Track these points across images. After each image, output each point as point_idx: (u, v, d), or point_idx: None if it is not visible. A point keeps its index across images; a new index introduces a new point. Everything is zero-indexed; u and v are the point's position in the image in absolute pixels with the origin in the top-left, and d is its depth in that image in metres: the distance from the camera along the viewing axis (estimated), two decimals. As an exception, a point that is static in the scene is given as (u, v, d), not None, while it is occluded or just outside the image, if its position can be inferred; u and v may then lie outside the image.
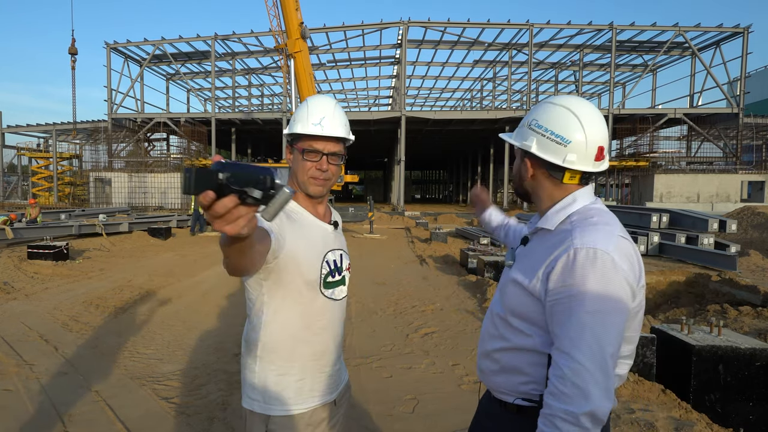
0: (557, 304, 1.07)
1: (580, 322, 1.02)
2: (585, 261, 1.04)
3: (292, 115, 1.44)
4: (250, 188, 0.74)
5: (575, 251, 1.05)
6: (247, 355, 1.40)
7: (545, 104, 1.23)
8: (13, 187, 37.34)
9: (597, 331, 1.01)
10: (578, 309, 1.02)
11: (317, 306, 1.38)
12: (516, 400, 1.20)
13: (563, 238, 1.11)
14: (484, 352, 1.30)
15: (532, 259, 1.18)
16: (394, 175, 32.99)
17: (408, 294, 6.96)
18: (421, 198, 68.08)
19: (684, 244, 9.44)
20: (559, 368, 1.03)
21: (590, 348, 1.00)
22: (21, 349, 4.43)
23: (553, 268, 1.08)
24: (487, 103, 40.09)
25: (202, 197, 0.71)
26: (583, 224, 1.11)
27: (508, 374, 1.22)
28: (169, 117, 29.87)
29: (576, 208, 1.17)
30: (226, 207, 0.73)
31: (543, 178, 1.23)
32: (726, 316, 5.10)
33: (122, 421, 3.11)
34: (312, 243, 1.36)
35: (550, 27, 26.75)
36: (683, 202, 24.93)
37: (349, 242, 10.97)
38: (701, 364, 3.05)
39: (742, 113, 26.32)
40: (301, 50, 17.18)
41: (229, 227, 0.75)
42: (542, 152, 1.19)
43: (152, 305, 6.15)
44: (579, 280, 1.03)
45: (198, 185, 0.71)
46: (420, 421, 3.16)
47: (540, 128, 1.19)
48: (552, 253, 1.11)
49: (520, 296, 1.18)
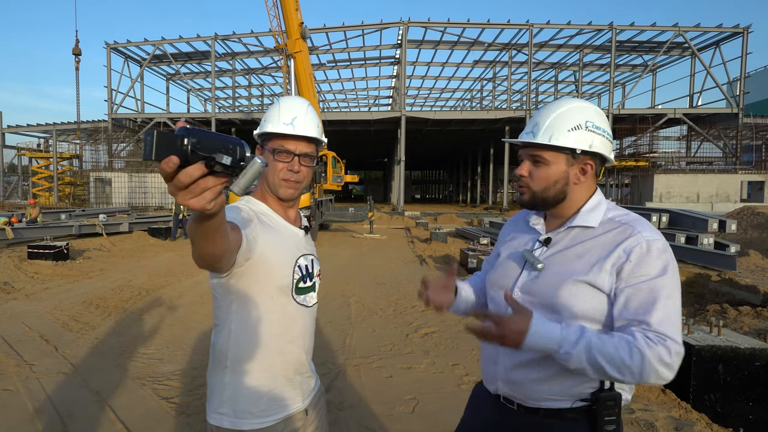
0: (637, 290, 1.12)
1: (667, 304, 1.10)
2: (659, 252, 1.13)
3: (264, 116, 1.38)
4: (219, 154, 0.67)
5: (647, 243, 1.13)
6: (215, 366, 1.33)
7: (585, 106, 1.24)
8: (13, 187, 37.33)
9: (676, 307, 1.12)
10: (663, 293, 1.11)
11: (289, 313, 1.32)
12: (575, 403, 1.20)
13: (624, 232, 1.17)
14: (522, 362, 1.23)
15: (587, 255, 1.19)
16: (394, 175, 33.00)
17: (408, 294, 6.96)
18: (421, 198, 68.07)
19: (684, 244, 9.43)
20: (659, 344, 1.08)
21: (676, 326, 1.11)
22: (21, 349, 4.43)
23: (626, 260, 1.13)
24: (487, 103, 40.08)
25: (165, 163, 0.64)
26: (633, 219, 1.20)
27: (561, 378, 1.19)
28: (169, 117, 29.90)
29: (605, 206, 1.25)
30: (192, 176, 0.67)
31: (591, 178, 1.26)
32: (726, 316, 5.10)
33: (122, 421, 3.12)
34: (284, 246, 1.31)
35: (550, 27, 26.75)
36: (683, 202, 24.93)
37: (349, 242, 11.01)
38: (701, 364, 3.05)
39: (741, 113, 26.32)
40: (301, 50, 17.16)
41: (195, 200, 0.70)
42: (607, 152, 1.24)
43: (152, 305, 6.15)
44: (659, 268, 1.12)
45: (159, 150, 0.64)
46: (420, 421, 3.17)
47: (598, 129, 1.22)
48: (618, 246, 1.16)
49: (582, 295, 1.16)
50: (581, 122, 1.20)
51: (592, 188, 1.27)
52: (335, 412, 3.28)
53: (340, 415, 3.23)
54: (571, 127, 1.20)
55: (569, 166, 1.22)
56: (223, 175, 0.70)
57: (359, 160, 56.23)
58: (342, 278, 8.18)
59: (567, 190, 1.24)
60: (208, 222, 0.84)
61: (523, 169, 1.26)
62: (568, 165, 1.22)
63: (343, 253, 11.36)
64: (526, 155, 1.26)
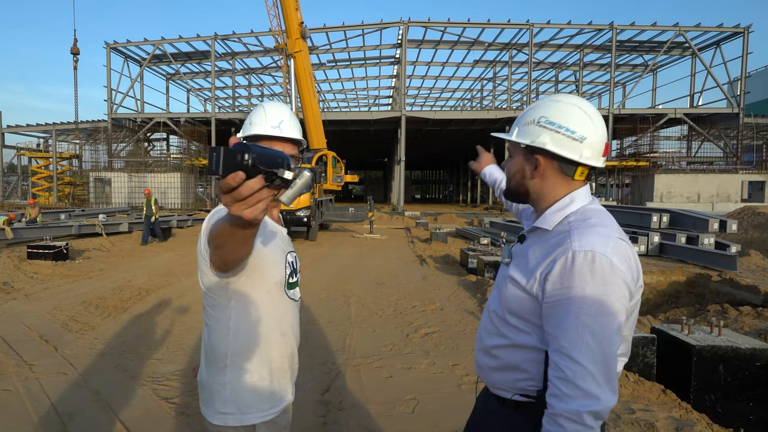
0: (555, 306, 1.07)
1: (579, 324, 1.03)
2: (583, 264, 1.05)
3: (247, 119, 1.45)
4: (280, 169, 0.72)
5: (573, 254, 1.06)
6: (211, 367, 1.35)
7: (551, 102, 1.21)
8: (13, 187, 37.33)
9: (596, 332, 1.02)
10: (577, 311, 1.03)
11: (283, 307, 1.38)
12: (514, 396, 1.21)
13: (561, 240, 1.11)
14: (482, 348, 1.31)
15: (529, 258, 1.19)
16: (394, 175, 32.99)
17: (408, 294, 6.96)
18: (421, 198, 68.08)
19: (684, 244, 9.43)
20: (560, 370, 1.04)
21: (590, 349, 1.02)
22: (21, 349, 4.43)
23: (551, 270, 1.09)
24: (487, 103, 40.08)
25: (231, 178, 0.68)
26: (581, 226, 1.12)
27: (506, 371, 1.22)
28: (169, 117, 29.86)
29: (574, 208, 1.17)
30: (252, 189, 0.71)
31: (553, 176, 1.21)
32: (726, 316, 5.09)
33: (122, 421, 3.11)
34: (275, 243, 1.38)
35: (550, 27, 26.74)
36: (683, 202, 24.92)
37: (349, 242, 11.01)
38: (701, 364, 3.05)
39: (742, 113, 26.31)
40: (301, 50, 17.16)
41: (249, 211, 0.73)
42: (559, 149, 1.17)
43: (152, 305, 6.15)
44: (578, 282, 1.04)
45: (226, 166, 0.68)
46: (420, 421, 3.16)
47: (552, 125, 1.17)
48: (550, 254, 1.11)
49: (517, 295, 1.18)
50: (535, 117, 1.20)
51: (568, 188, 1.20)
52: (335, 412, 3.27)
53: (340, 415, 3.23)
54: (527, 122, 1.22)
55: (525, 160, 1.24)
56: (276, 188, 0.74)
57: (359, 160, 56.21)
58: (342, 278, 8.17)
59: (525, 183, 1.25)
60: (250, 229, 0.88)
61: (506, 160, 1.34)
62: (525, 159, 1.24)
63: (343, 253, 11.35)
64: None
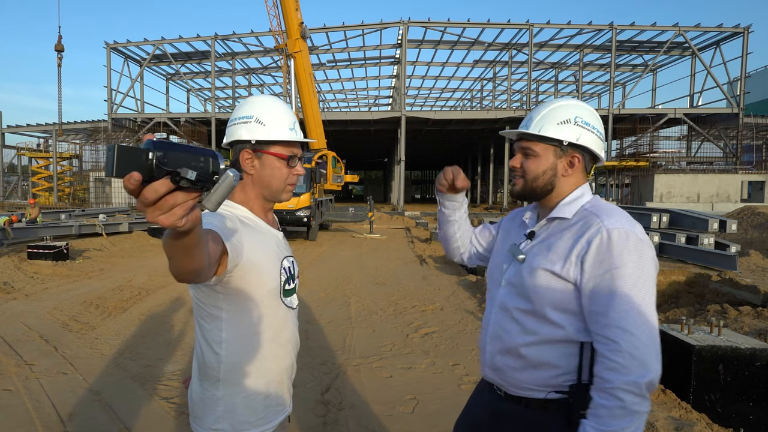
0: (600, 283, 1.11)
1: (626, 297, 1.08)
2: (620, 240, 1.11)
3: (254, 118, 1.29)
4: (183, 169, 0.64)
5: (608, 232, 1.12)
6: (204, 380, 1.28)
7: (574, 104, 1.29)
8: (13, 187, 37.33)
9: (641, 302, 1.08)
10: (622, 285, 1.08)
11: (280, 316, 1.31)
12: (549, 394, 1.20)
13: (589, 222, 1.17)
14: (503, 349, 1.28)
15: (556, 246, 1.21)
16: (394, 175, 32.98)
17: (408, 294, 6.96)
18: (421, 198, 67.98)
19: (684, 244, 9.43)
20: (613, 342, 1.08)
21: (640, 319, 1.07)
22: (21, 349, 4.43)
23: (587, 249, 1.13)
24: (487, 103, 40.06)
25: (126, 179, 0.61)
26: (604, 210, 1.19)
27: (536, 369, 1.21)
28: (169, 117, 29.86)
29: (587, 199, 1.26)
30: (157, 192, 0.63)
31: (578, 172, 1.29)
32: (726, 316, 5.09)
33: (122, 421, 3.11)
34: (269, 249, 1.30)
35: (550, 27, 26.72)
36: (683, 202, 24.91)
37: (349, 242, 11.03)
38: (701, 364, 3.05)
39: (742, 113, 26.29)
40: (301, 50, 17.17)
41: (164, 217, 0.65)
42: (596, 148, 1.27)
43: (152, 305, 6.15)
44: (618, 258, 1.10)
45: (121, 166, 0.61)
46: (420, 421, 3.16)
47: (588, 125, 1.26)
48: (582, 236, 1.16)
49: (552, 285, 1.19)
50: (570, 117, 1.26)
51: (579, 182, 1.29)
52: (335, 412, 3.27)
53: (340, 415, 3.23)
54: (560, 121, 1.26)
55: (557, 158, 1.27)
56: (191, 191, 0.66)
57: (359, 160, 56.19)
58: (342, 278, 8.17)
59: (555, 181, 1.28)
60: (185, 239, 0.78)
61: (515, 161, 1.32)
62: (556, 157, 1.27)
63: (343, 253, 11.35)
64: (519, 148, 1.32)
